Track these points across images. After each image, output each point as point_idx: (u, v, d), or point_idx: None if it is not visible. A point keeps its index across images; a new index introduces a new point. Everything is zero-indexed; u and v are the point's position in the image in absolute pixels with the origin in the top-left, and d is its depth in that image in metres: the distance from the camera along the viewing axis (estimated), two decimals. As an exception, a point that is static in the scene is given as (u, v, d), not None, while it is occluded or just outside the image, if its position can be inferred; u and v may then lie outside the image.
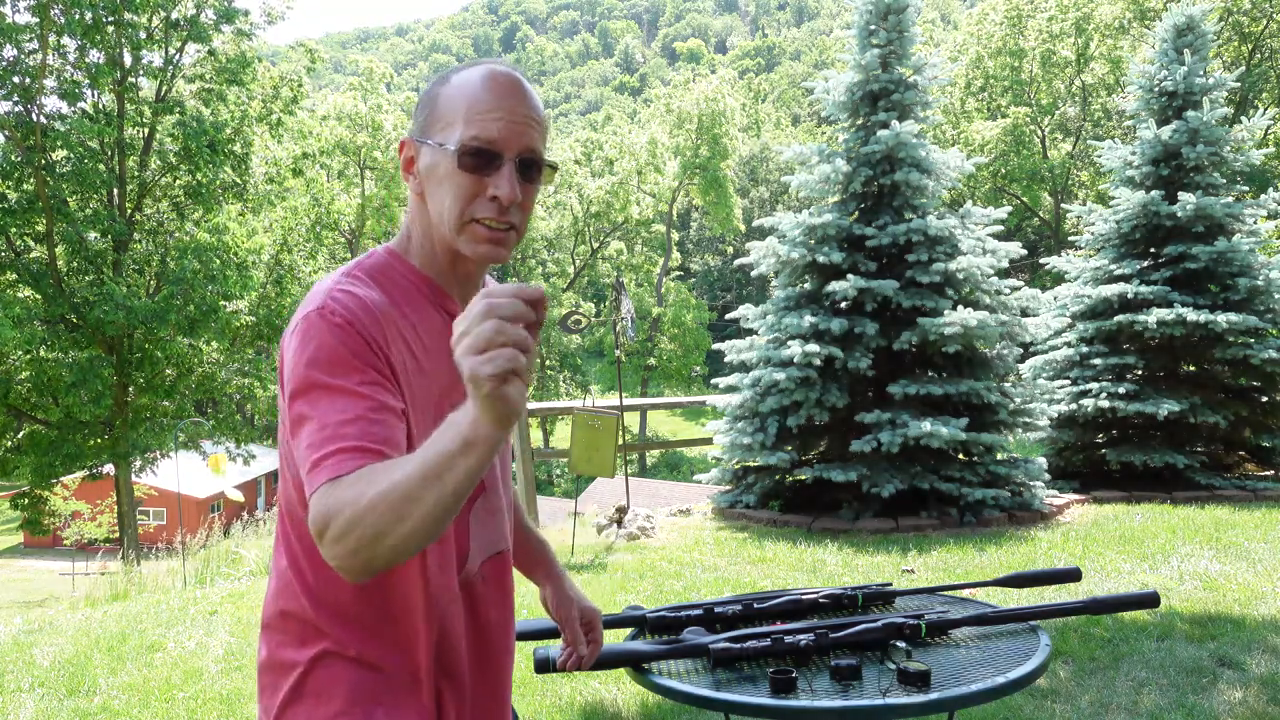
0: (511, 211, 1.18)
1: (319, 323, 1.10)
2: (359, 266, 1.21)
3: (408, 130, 1.25)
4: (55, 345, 15.52)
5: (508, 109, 1.16)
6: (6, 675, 4.23)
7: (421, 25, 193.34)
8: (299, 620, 1.19)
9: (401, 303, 1.19)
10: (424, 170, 1.19)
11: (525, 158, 1.17)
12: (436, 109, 1.19)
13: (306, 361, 1.09)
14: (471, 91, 1.16)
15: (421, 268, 1.24)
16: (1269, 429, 8.39)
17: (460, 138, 1.15)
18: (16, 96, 15.09)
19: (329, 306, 1.11)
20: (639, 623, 1.78)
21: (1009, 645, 1.63)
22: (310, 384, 1.08)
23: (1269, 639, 3.98)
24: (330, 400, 1.06)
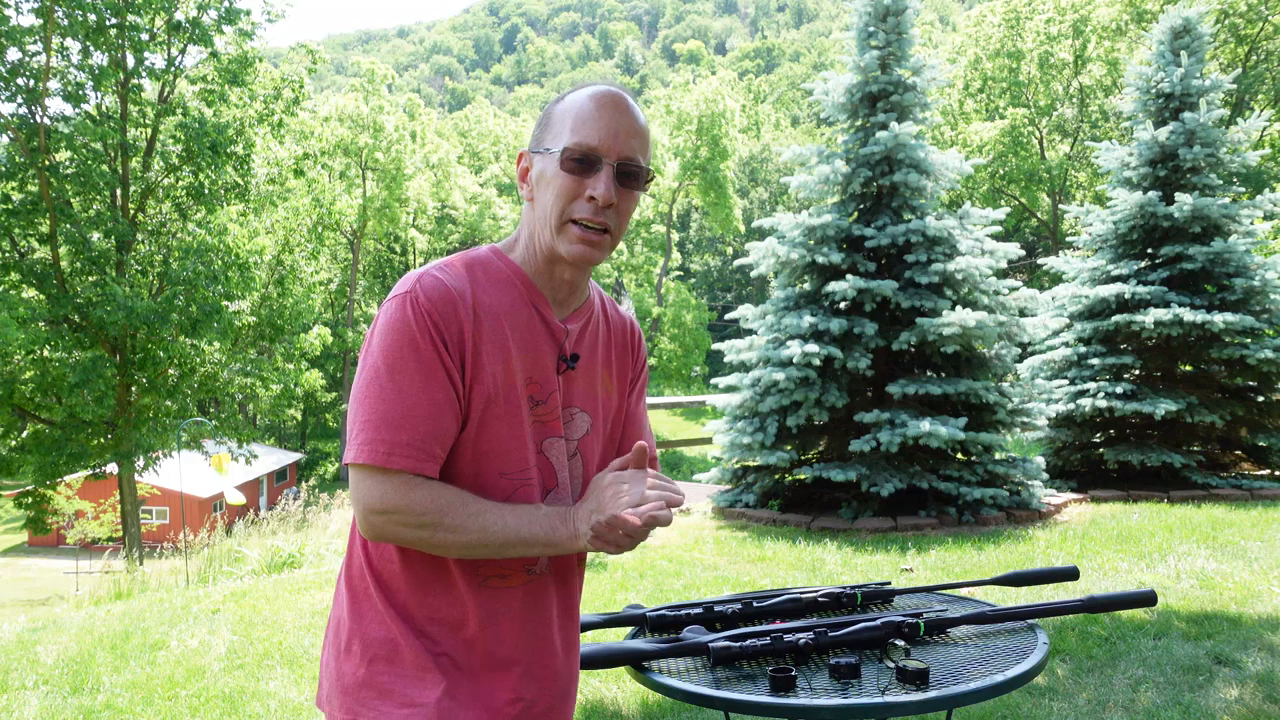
0: (607, 214, 1.27)
1: (403, 308, 1.22)
2: (460, 257, 1.31)
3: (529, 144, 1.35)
4: (59, 345, 15.52)
5: (610, 119, 1.27)
6: (11, 673, 4.25)
7: (423, 27, 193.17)
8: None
9: (492, 295, 1.28)
10: (535, 177, 1.31)
11: (625, 164, 1.27)
12: (550, 123, 1.31)
13: (383, 346, 1.21)
14: (579, 105, 1.28)
15: (521, 266, 1.32)
16: (1265, 428, 8.41)
17: (565, 143, 1.26)
18: (21, 98, 15.09)
19: (414, 292, 1.22)
20: (639, 621, 1.79)
21: (1007, 644, 1.64)
22: (380, 366, 1.21)
23: (1265, 637, 4.00)
24: (396, 387, 1.20)
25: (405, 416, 1.19)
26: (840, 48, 8.62)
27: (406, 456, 1.19)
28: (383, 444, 1.19)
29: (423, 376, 1.20)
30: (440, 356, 1.21)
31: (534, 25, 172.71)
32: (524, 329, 1.29)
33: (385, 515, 1.19)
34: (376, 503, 1.19)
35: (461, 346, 1.23)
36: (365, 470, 1.20)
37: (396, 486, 1.19)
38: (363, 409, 1.21)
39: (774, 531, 6.90)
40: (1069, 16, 32.23)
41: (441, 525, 1.20)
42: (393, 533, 1.21)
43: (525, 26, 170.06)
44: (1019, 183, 33.31)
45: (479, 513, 1.21)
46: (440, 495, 1.21)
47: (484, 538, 1.21)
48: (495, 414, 1.26)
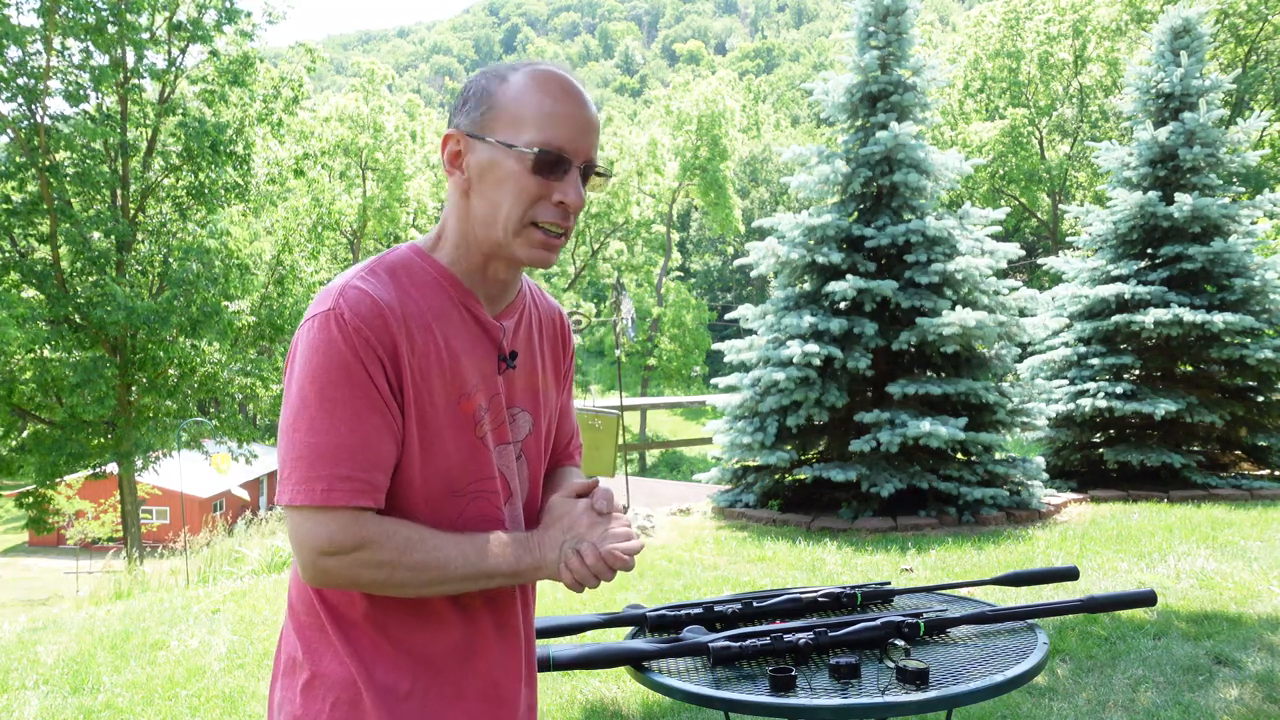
0: (570, 216, 1.19)
1: (327, 327, 1.10)
2: (379, 263, 1.18)
3: (455, 124, 1.20)
4: (59, 345, 15.54)
5: (574, 114, 1.16)
6: (11, 673, 4.25)
7: (423, 27, 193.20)
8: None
9: (420, 301, 1.16)
10: (477, 167, 1.17)
11: (589, 165, 1.19)
12: (497, 106, 1.16)
13: (309, 371, 1.09)
14: (538, 94, 1.15)
15: (449, 266, 1.21)
16: (1265, 428, 8.42)
17: (533, 141, 1.14)
18: (21, 98, 15.10)
19: (338, 309, 1.10)
20: (639, 621, 1.80)
21: (1007, 643, 1.65)
22: (309, 394, 1.09)
23: (1265, 637, 4.00)
24: (327, 416, 1.08)
25: (339, 447, 1.08)
26: (840, 48, 8.63)
27: (347, 491, 1.08)
28: (320, 480, 1.07)
29: (355, 401, 1.09)
30: (372, 377, 1.10)
31: (534, 25, 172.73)
32: (458, 333, 1.19)
33: (337, 557, 1.08)
34: (324, 544, 1.08)
35: (396, 363, 1.12)
36: (304, 511, 1.08)
37: (343, 525, 1.08)
38: (292, 444, 1.09)
39: (774, 531, 6.90)
40: (1069, 17, 32.25)
41: (400, 564, 1.10)
42: (346, 575, 1.10)
43: (525, 26, 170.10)
44: (1019, 183, 33.33)
45: (437, 547, 1.12)
46: (394, 530, 1.11)
47: (445, 573, 1.12)
48: (438, 429, 1.17)
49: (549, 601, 5.06)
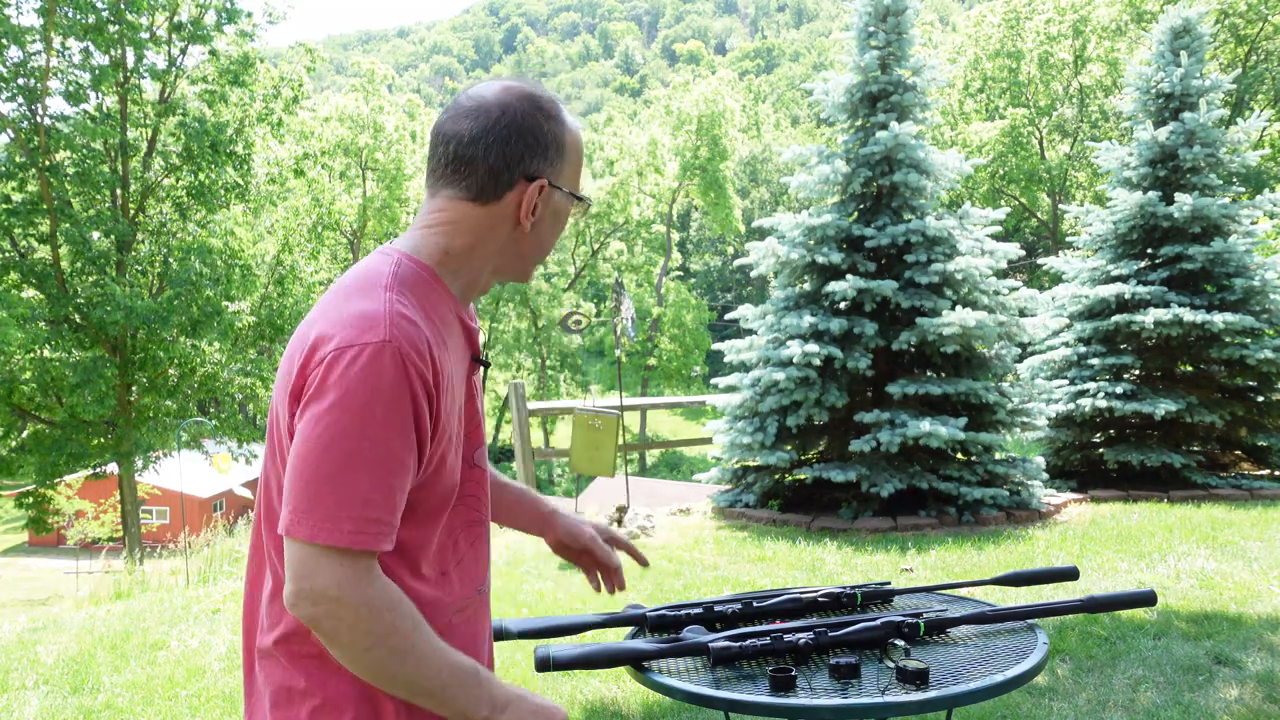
0: None
1: (380, 359, 1.04)
2: (394, 278, 1.14)
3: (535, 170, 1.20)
4: (59, 345, 15.56)
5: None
6: (11, 673, 4.25)
7: (423, 27, 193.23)
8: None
9: (433, 318, 1.15)
10: (552, 212, 1.25)
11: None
12: (565, 157, 1.24)
13: (355, 404, 1.03)
14: (579, 147, 1.27)
15: (439, 274, 1.20)
16: (1265, 428, 8.42)
17: (575, 187, 1.26)
18: (21, 98, 15.11)
19: (396, 342, 1.05)
20: (639, 621, 1.80)
21: (1007, 643, 1.65)
22: (350, 426, 1.03)
23: (1265, 637, 4.00)
24: (368, 453, 1.03)
25: (373, 487, 1.03)
26: (840, 48, 8.63)
27: (373, 535, 1.04)
28: (348, 521, 1.02)
29: (397, 441, 1.05)
30: (417, 416, 1.07)
31: (534, 25, 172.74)
32: (457, 346, 1.20)
33: (333, 605, 1.02)
34: (331, 590, 1.02)
35: (437, 391, 1.10)
36: (319, 549, 1.02)
37: (359, 574, 1.03)
38: (318, 477, 1.02)
39: (774, 531, 6.90)
40: (1069, 16, 32.27)
41: (383, 644, 1.04)
42: (329, 625, 1.03)
43: (525, 26, 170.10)
44: (1019, 183, 33.34)
45: (426, 654, 1.07)
46: (397, 606, 1.05)
47: (415, 678, 1.06)
48: (450, 449, 1.16)
49: (549, 602, 5.06)
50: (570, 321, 7.87)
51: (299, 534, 1.03)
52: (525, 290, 40.37)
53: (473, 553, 1.26)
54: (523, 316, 41.28)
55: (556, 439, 39.32)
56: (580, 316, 7.92)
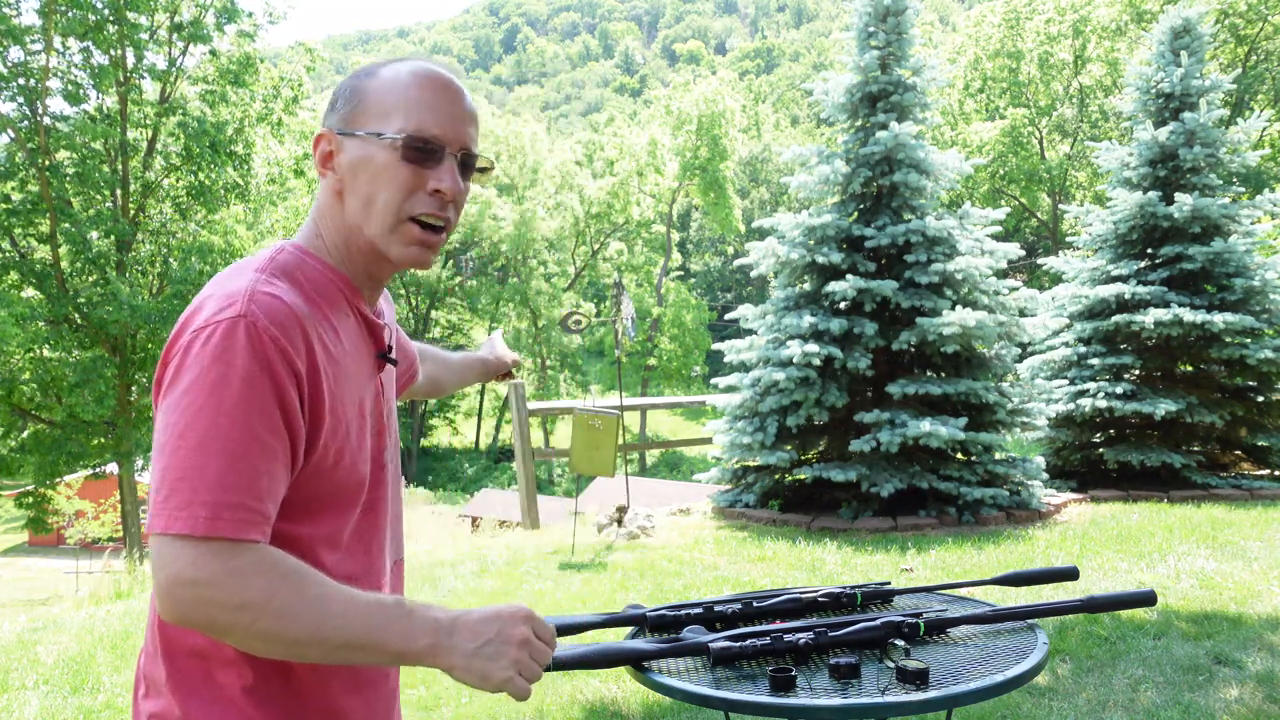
0: (448, 208, 1.14)
1: (233, 335, 0.98)
2: (272, 263, 1.09)
3: (326, 124, 1.15)
4: (59, 345, 15.57)
5: (449, 103, 1.13)
6: (11, 673, 4.25)
7: (423, 27, 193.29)
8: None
9: (320, 303, 1.10)
10: (349, 164, 1.11)
11: (467, 155, 1.15)
12: (366, 101, 1.12)
13: (206, 383, 0.97)
14: (408, 85, 1.12)
15: (337, 265, 1.15)
16: (1265, 428, 8.42)
17: (403, 128, 1.09)
18: (21, 98, 15.12)
19: (253, 314, 0.99)
20: (639, 621, 1.79)
21: (1007, 643, 1.64)
22: (202, 408, 0.96)
23: (1265, 637, 4.00)
24: (221, 435, 0.96)
25: (229, 470, 0.95)
26: (840, 48, 8.64)
27: (232, 521, 0.94)
28: (203, 507, 0.94)
29: (255, 420, 0.97)
30: (280, 395, 0.99)
31: (534, 25, 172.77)
32: (352, 337, 1.14)
33: (195, 588, 0.94)
34: (187, 571, 0.93)
35: (313, 373, 1.03)
36: (178, 539, 0.94)
37: (215, 553, 0.94)
38: (174, 464, 0.95)
39: (774, 531, 6.90)
40: (1069, 17, 32.29)
41: (267, 609, 0.94)
42: (202, 614, 0.95)
43: (525, 26, 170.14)
44: (1019, 183, 33.36)
45: (320, 598, 0.97)
46: (272, 567, 0.96)
47: (321, 631, 0.96)
48: (347, 444, 1.10)
49: (549, 602, 5.06)
50: (570, 321, 7.87)
51: (156, 527, 0.95)
52: (525, 290, 40.40)
53: (379, 562, 1.21)
54: (523, 316, 41.30)
55: (556, 439, 39.33)
56: (580, 316, 7.92)
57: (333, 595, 0.98)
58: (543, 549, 6.56)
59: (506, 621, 1.04)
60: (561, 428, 39.45)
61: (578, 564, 5.98)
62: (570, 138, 55.74)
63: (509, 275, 42.52)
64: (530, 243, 40.32)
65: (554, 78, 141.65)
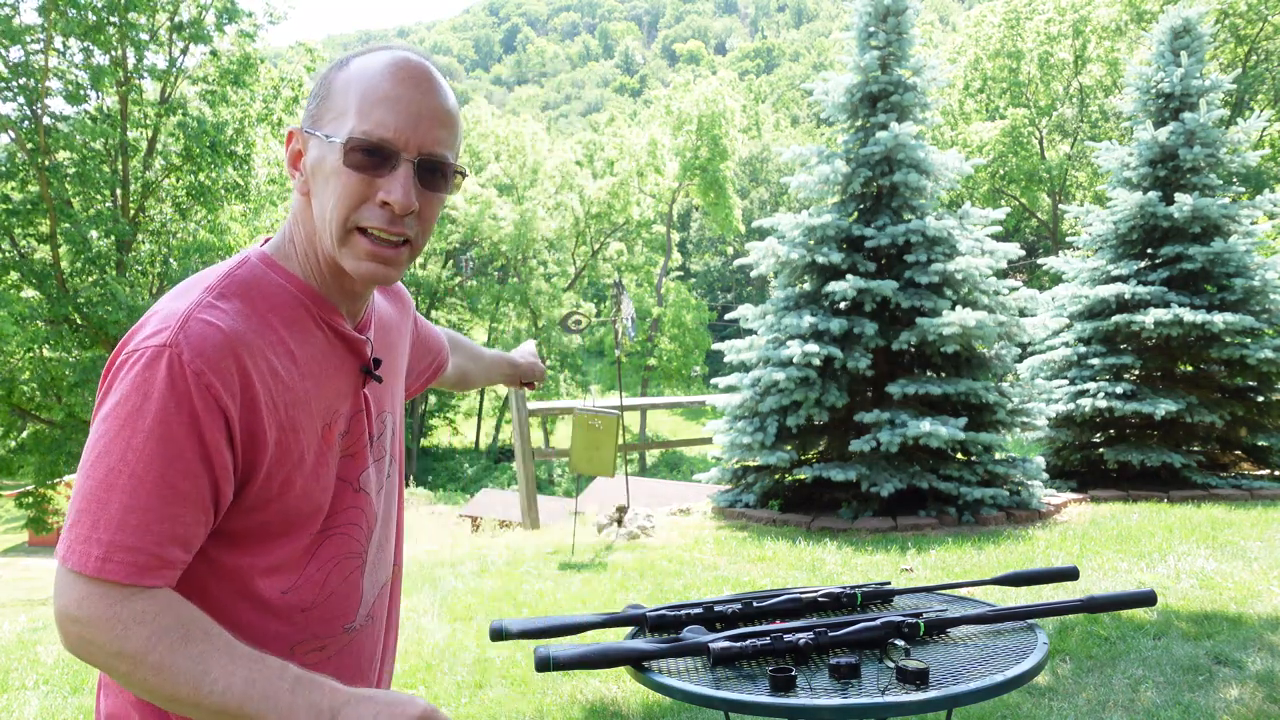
0: (406, 222, 1.02)
1: (154, 367, 0.92)
2: (227, 279, 1.02)
3: (299, 120, 1.07)
4: (59, 345, 15.57)
5: (409, 101, 1.00)
6: (11, 673, 4.25)
7: (423, 27, 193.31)
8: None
9: (276, 324, 1.02)
10: (311, 166, 1.03)
11: (428, 159, 1.01)
12: (330, 96, 1.02)
13: (122, 415, 0.92)
14: (369, 79, 1.00)
15: (305, 277, 1.07)
16: (1265, 428, 8.42)
17: (350, 130, 0.99)
18: (22, 98, 15.12)
19: (176, 347, 0.93)
20: (639, 621, 1.79)
21: (1007, 643, 1.64)
22: (113, 441, 0.92)
23: (1265, 637, 4.00)
24: (127, 471, 0.91)
25: (130, 510, 0.90)
26: (840, 48, 8.64)
27: (124, 565, 0.90)
28: (98, 545, 0.90)
29: (166, 461, 0.92)
30: (202, 434, 0.93)
31: (534, 25, 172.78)
32: (320, 356, 1.06)
33: (79, 626, 0.91)
34: (72, 608, 0.91)
35: (250, 407, 0.96)
36: (73, 574, 0.91)
37: (103, 595, 0.90)
38: (81, 492, 0.92)
39: (774, 531, 6.90)
40: (1069, 17, 32.29)
41: (144, 662, 0.89)
42: (84, 652, 0.92)
43: (525, 26, 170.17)
44: (1019, 183, 33.36)
45: (201, 657, 0.90)
46: (155, 617, 0.91)
47: (197, 694, 0.90)
48: (300, 472, 1.03)
49: (549, 602, 5.06)
50: (570, 321, 7.87)
51: (57, 554, 0.93)
52: (525, 290, 40.40)
53: (344, 589, 1.12)
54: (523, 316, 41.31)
55: (556, 439, 39.33)
56: (580, 316, 7.91)
57: (216, 657, 0.91)
58: (543, 549, 6.56)
59: (394, 715, 0.92)
60: (561, 428, 39.46)
61: (578, 564, 5.98)
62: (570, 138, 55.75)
63: (509, 275, 42.53)
64: (530, 243, 40.33)
65: (554, 78, 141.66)
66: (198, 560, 0.99)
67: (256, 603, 1.04)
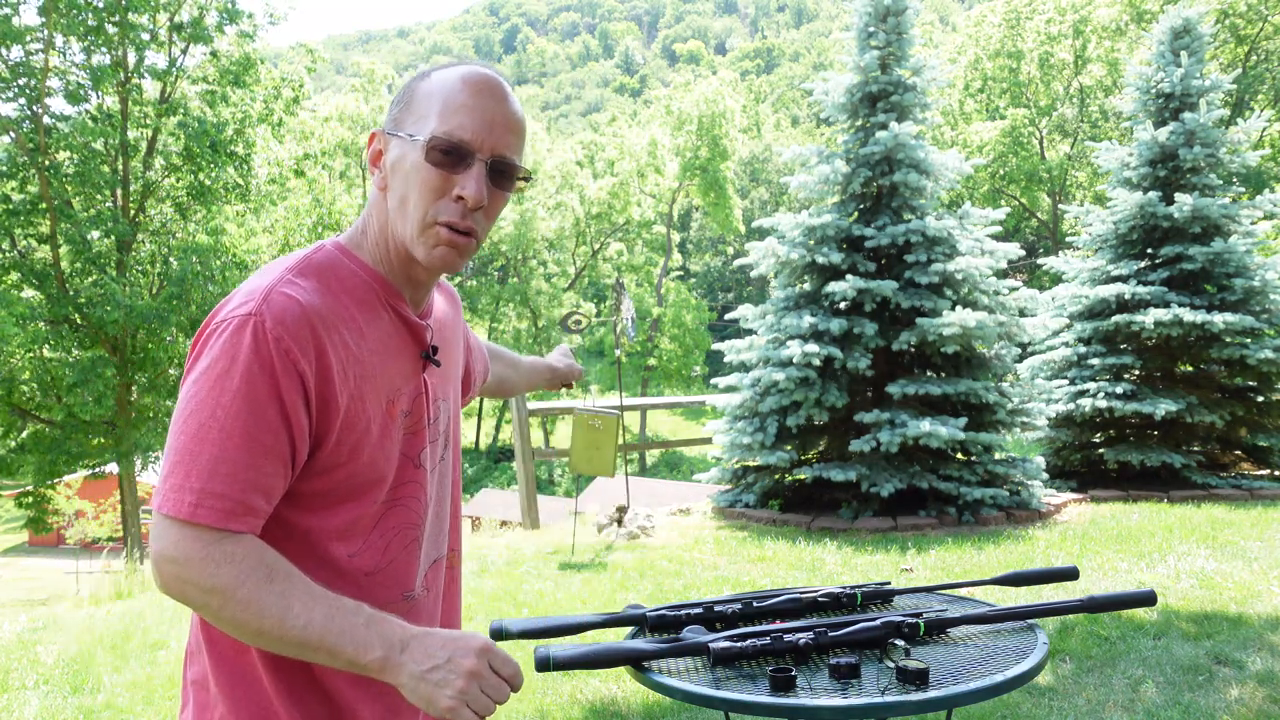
0: (475, 216, 1.14)
1: (242, 332, 1.03)
2: (306, 262, 1.13)
3: (381, 123, 1.20)
4: (58, 345, 15.56)
5: (485, 108, 1.13)
6: (11, 673, 4.25)
7: (423, 27, 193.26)
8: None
9: (349, 304, 1.13)
10: (390, 164, 1.15)
11: (499, 161, 1.14)
12: (413, 103, 1.15)
13: (212, 375, 1.03)
14: (449, 88, 1.13)
15: (374, 265, 1.18)
16: (1265, 428, 8.42)
17: (431, 131, 1.11)
18: (22, 98, 15.11)
19: (259, 315, 1.04)
20: (639, 621, 1.79)
21: (1007, 643, 1.64)
22: (204, 399, 1.03)
23: (1265, 637, 4.00)
24: (217, 426, 1.02)
25: (220, 460, 1.01)
26: (840, 48, 8.64)
27: (215, 510, 1.01)
28: (190, 492, 1.01)
29: (250, 417, 1.02)
30: (281, 395, 1.03)
31: (534, 25, 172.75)
32: (386, 337, 1.16)
33: (175, 566, 1.02)
34: (169, 549, 1.01)
35: (323, 374, 1.06)
36: (167, 519, 1.02)
37: (196, 537, 1.01)
38: (174, 447, 1.03)
39: (774, 531, 6.90)
40: (1069, 17, 32.30)
41: (233, 597, 1.00)
42: (179, 590, 1.03)
43: (525, 26, 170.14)
44: (1019, 183, 33.36)
45: (284, 594, 1.02)
46: (243, 558, 1.02)
47: (281, 627, 1.01)
48: (366, 442, 1.12)
49: (549, 602, 5.06)
50: (570, 321, 7.87)
51: (154, 504, 1.04)
52: (525, 290, 40.40)
53: (404, 557, 1.21)
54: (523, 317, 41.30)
55: (556, 439, 39.33)
56: (580, 316, 7.91)
57: (298, 594, 1.03)
58: (543, 549, 6.56)
59: (459, 650, 1.05)
60: (561, 428, 39.45)
61: (578, 564, 5.98)
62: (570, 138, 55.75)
63: (509, 275, 42.51)
64: (530, 243, 40.31)
65: (554, 78, 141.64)
66: (273, 523, 1.09)
67: (326, 564, 1.13)
